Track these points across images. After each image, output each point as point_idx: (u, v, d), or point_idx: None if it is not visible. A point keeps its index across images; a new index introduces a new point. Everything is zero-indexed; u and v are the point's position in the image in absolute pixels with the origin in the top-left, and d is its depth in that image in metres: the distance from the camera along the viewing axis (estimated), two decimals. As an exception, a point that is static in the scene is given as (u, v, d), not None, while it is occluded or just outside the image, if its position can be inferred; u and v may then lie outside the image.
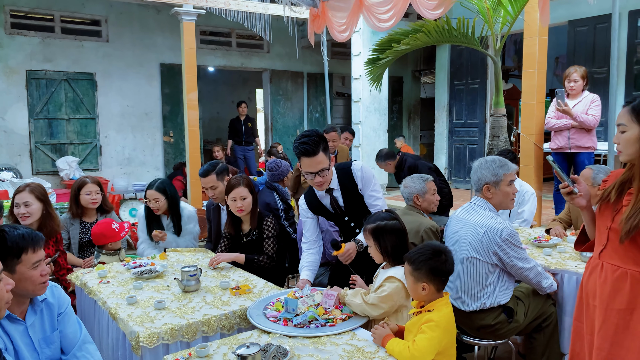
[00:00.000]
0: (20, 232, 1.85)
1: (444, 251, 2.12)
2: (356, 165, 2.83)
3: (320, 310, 2.30)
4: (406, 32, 5.38)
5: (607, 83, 6.09)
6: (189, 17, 6.94)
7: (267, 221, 3.40)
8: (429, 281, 2.05)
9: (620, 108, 1.85)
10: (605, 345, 1.82)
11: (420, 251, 2.11)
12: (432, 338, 1.94)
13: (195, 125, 7.26)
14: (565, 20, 7.60)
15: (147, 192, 3.69)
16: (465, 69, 9.23)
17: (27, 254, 1.85)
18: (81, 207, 3.76)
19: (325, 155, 2.65)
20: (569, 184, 1.96)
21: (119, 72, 8.74)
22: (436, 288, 2.07)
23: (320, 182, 2.70)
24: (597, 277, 1.89)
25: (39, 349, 1.93)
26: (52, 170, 8.26)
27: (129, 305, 2.49)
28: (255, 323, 2.26)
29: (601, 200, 1.91)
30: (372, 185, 2.82)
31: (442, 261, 2.08)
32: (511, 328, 2.72)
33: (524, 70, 5.04)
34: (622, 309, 1.79)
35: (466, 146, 9.26)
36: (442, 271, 2.07)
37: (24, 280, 1.82)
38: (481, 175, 2.73)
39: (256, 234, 3.39)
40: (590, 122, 4.86)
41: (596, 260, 1.92)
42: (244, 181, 3.36)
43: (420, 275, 2.06)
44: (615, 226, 1.82)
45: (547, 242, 3.40)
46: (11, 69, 7.90)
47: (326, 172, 2.67)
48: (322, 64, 7.77)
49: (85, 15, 8.49)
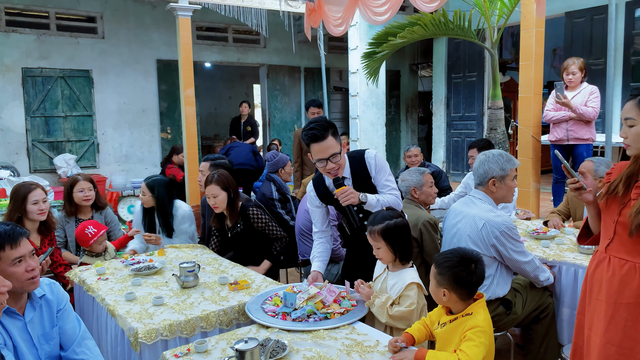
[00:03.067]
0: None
1: (475, 261, 1.94)
2: (370, 153, 2.74)
3: (319, 304, 2.30)
4: (402, 25, 5.37)
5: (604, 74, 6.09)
6: (185, 13, 6.89)
7: (252, 211, 3.34)
8: (451, 289, 1.91)
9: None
10: (615, 339, 1.80)
11: (449, 256, 1.96)
12: (481, 344, 1.82)
13: (193, 122, 7.22)
14: (562, 12, 7.58)
15: (142, 185, 3.75)
16: (462, 62, 9.22)
17: (4, 251, 1.82)
18: (75, 204, 3.76)
19: (335, 140, 2.57)
20: (579, 179, 1.93)
21: (115, 69, 8.71)
22: (459, 297, 1.92)
23: (333, 169, 2.60)
24: (604, 271, 1.86)
25: (38, 345, 1.93)
26: (50, 168, 8.25)
27: (128, 302, 2.49)
28: (253, 317, 2.26)
29: (607, 194, 1.88)
30: (386, 175, 2.73)
31: (470, 271, 1.91)
32: (509, 320, 2.73)
33: (521, 62, 5.02)
34: (630, 302, 1.77)
35: (464, 139, 9.25)
36: (468, 282, 1.90)
37: (8, 277, 1.79)
38: (488, 169, 2.71)
39: (241, 226, 3.37)
40: (589, 113, 4.85)
41: (602, 254, 1.89)
42: (217, 179, 3.29)
43: (443, 280, 1.92)
44: (623, 220, 1.79)
45: (545, 234, 3.41)
46: (7, 66, 7.86)
47: (338, 157, 2.58)
48: (319, 59, 7.75)
49: (81, 12, 8.45)
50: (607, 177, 1.97)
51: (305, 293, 2.36)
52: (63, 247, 3.70)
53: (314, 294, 2.35)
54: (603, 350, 1.84)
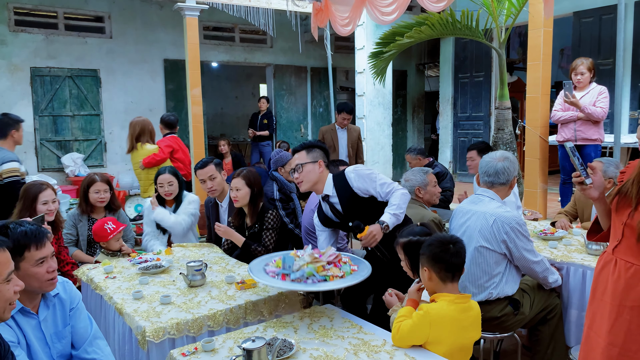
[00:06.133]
0: (23, 228, 1.83)
1: (454, 242, 2.10)
2: (349, 169, 2.85)
3: (319, 267, 2.32)
4: (410, 25, 5.35)
5: (612, 75, 6.04)
6: (192, 13, 6.92)
7: (269, 214, 3.42)
8: (430, 267, 2.07)
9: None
10: (618, 341, 1.80)
11: (431, 238, 2.15)
12: (414, 326, 1.97)
13: (200, 121, 7.26)
14: (570, 12, 7.54)
15: (160, 177, 3.80)
16: (469, 62, 9.19)
17: (29, 251, 1.83)
18: (90, 204, 3.76)
19: (306, 155, 2.83)
20: (582, 174, 1.92)
21: (122, 69, 8.75)
22: (439, 277, 2.06)
23: (297, 179, 2.84)
24: (610, 273, 1.85)
25: (51, 344, 1.93)
26: (58, 166, 8.30)
27: (135, 300, 2.50)
28: (254, 277, 2.36)
29: (619, 194, 1.85)
30: (376, 181, 2.76)
31: (448, 251, 2.06)
32: (517, 320, 2.72)
33: (528, 62, 5.00)
34: (635, 305, 1.76)
35: (471, 139, 9.22)
36: (445, 260, 2.05)
37: (29, 277, 1.81)
38: (512, 170, 2.78)
39: (258, 227, 3.41)
40: (598, 113, 4.81)
41: (609, 256, 1.87)
42: (245, 173, 3.41)
43: (423, 259, 2.10)
44: (631, 223, 1.77)
45: (552, 235, 3.39)
46: (15, 66, 7.92)
47: (300, 168, 2.80)
48: (326, 58, 7.75)
49: (89, 12, 8.49)
50: (620, 175, 1.93)
51: (306, 256, 2.40)
52: (74, 246, 3.72)
53: (316, 257, 2.38)
54: (606, 352, 1.83)
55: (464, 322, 2.03)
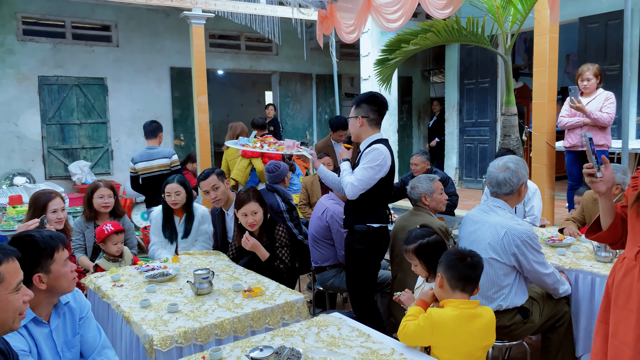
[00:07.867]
0: (47, 233, 1.92)
1: (472, 256, 2.13)
2: None
3: (280, 148, 3.46)
4: (415, 32, 5.36)
5: (619, 80, 6.02)
6: (198, 21, 6.97)
7: (278, 230, 3.40)
8: (443, 273, 2.10)
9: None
10: None
11: (454, 249, 2.23)
12: (418, 327, 2.02)
13: (206, 129, 7.30)
14: (576, 17, 7.53)
15: (168, 186, 3.75)
16: (475, 68, 9.18)
17: (58, 252, 1.90)
18: (94, 210, 3.78)
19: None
20: (594, 166, 1.92)
21: (129, 77, 8.81)
22: (449, 285, 2.09)
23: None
24: (635, 279, 1.79)
25: (61, 353, 1.94)
26: (65, 174, 8.34)
27: (142, 309, 2.50)
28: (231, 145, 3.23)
29: (638, 200, 1.82)
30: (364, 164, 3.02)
31: (463, 260, 2.10)
32: (526, 328, 2.70)
33: (534, 68, 5.00)
34: None
35: (477, 146, 9.20)
36: (458, 270, 2.08)
37: (60, 277, 1.88)
38: (521, 176, 2.71)
39: (267, 241, 3.38)
40: (604, 119, 4.79)
41: (632, 262, 1.82)
42: (254, 195, 3.36)
43: (439, 266, 2.14)
44: None
45: (560, 242, 3.37)
46: (23, 75, 7.99)
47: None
48: (331, 66, 7.77)
49: (96, 21, 8.57)
50: (633, 180, 1.90)
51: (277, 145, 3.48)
52: (82, 252, 3.73)
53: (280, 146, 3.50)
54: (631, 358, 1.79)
55: (470, 329, 2.01)
